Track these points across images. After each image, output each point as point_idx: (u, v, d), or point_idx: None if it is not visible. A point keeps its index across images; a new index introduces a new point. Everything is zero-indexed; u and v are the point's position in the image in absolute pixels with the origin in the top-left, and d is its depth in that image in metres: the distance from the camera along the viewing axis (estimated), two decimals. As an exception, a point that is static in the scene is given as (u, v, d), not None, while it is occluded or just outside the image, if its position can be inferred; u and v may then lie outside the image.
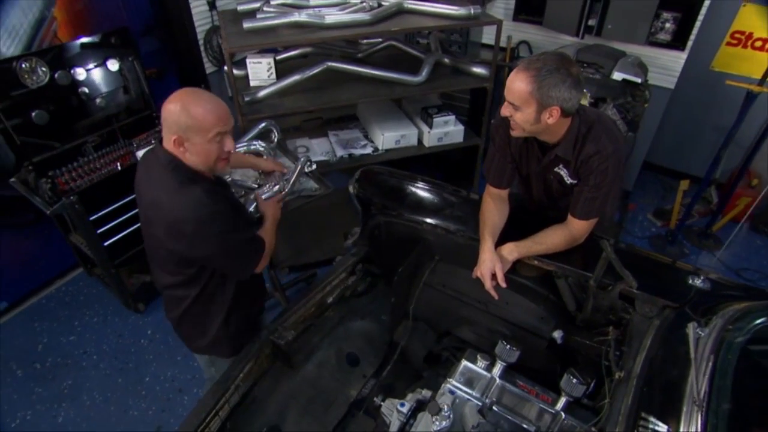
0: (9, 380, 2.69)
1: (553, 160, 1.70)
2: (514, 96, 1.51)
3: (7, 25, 2.58)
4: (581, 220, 1.70)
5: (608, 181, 1.62)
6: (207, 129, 1.42)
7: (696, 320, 1.44)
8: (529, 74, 1.46)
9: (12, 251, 2.96)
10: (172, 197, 1.46)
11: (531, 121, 1.53)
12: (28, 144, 2.52)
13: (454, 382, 1.60)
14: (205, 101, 1.43)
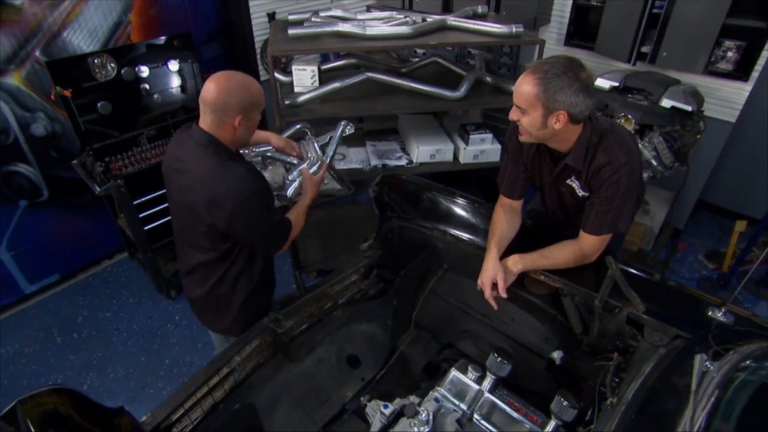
0: (49, 345, 2.91)
1: (564, 170, 1.65)
2: (521, 99, 1.49)
3: (89, 27, 2.89)
4: (592, 236, 1.62)
5: (620, 193, 1.54)
6: (261, 104, 1.59)
7: (706, 352, 1.32)
8: (535, 77, 1.44)
9: (68, 229, 3.24)
10: (215, 173, 1.56)
11: (537, 126, 1.50)
12: (92, 131, 2.78)
13: (442, 391, 1.56)
14: (251, 80, 1.58)
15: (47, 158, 2.97)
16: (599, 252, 1.65)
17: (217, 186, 1.54)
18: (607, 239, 1.64)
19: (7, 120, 2.75)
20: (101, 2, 2.87)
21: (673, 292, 1.66)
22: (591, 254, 1.65)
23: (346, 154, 3.28)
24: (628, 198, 1.57)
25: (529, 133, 1.55)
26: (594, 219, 1.60)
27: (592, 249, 1.64)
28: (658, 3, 3.06)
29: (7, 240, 2.96)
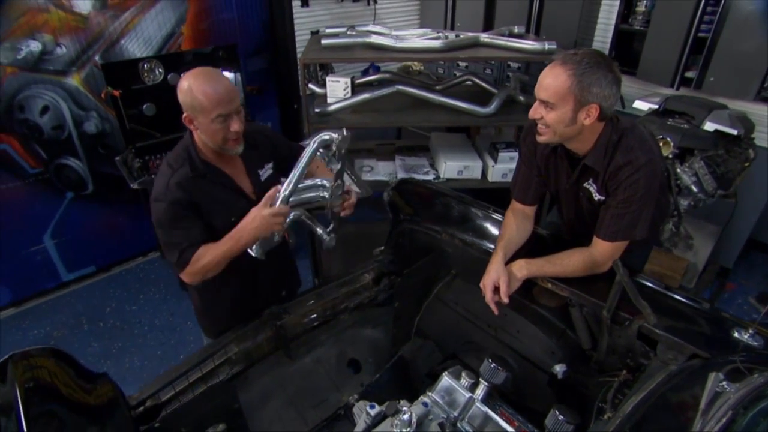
0: (76, 331, 3.04)
1: (583, 172, 1.56)
2: (550, 92, 1.39)
3: (145, 36, 3.14)
4: (605, 242, 1.51)
5: (639, 196, 1.43)
6: (209, 110, 1.44)
7: (722, 371, 1.18)
8: (567, 68, 1.35)
9: (108, 224, 3.43)
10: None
11: (566, 122, 1.40)
12: (136, 131, 2.96)
13: (432, 396, 1.47)
14: (210, 83, 1.44)
15: (95, 154, 3.19)
16: (612, 261, 1.53)
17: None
18: (621, 248, 1.52)
19: (64, 117, 2.99)
20: (157, 15, 3.12)
21: (693, 309, 1.51)
22: (603, 263, 1.53)
23: (374, 167, 3.31)
24: (646, 203, 1.46)
25: (553, 132, 1.44)
26: (608, 223, 1.50)
27: (604, 257, 1.52)
28: (704, 27, 2.95)
29: (52, 228, 3.17)
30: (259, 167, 1.75)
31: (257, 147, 1.74)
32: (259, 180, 1.74)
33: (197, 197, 1.57)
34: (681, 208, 2.74)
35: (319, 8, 3.72)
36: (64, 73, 2.90)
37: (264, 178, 1.75)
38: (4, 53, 2.69)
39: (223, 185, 1.64)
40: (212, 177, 1.61)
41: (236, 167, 1.69)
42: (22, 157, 2.92)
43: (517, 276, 1.57)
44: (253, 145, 1.70)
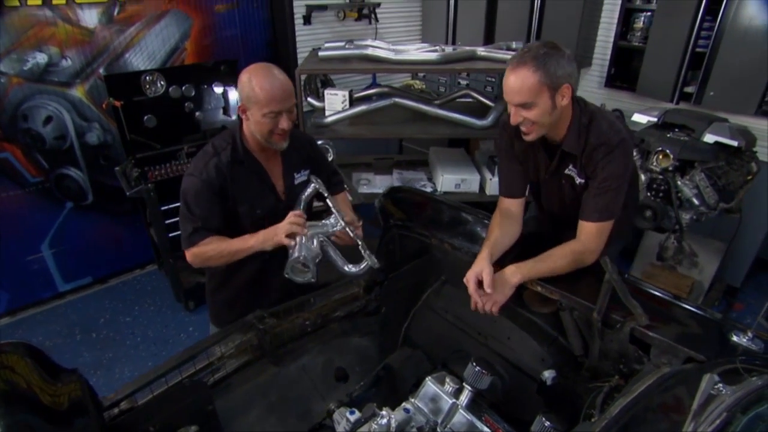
0: (68, 341, 3.01)
1: (562, 159, 1.58)
2: (524, 94, 1.42)
3: (149, 51, 3.21)
4: (590, 223, 1.52)
5: (616, 174, 1.48)
6: (262, 104, 1.50)
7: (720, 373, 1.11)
8: (528, 65, 1.40)
9: (107, 235, 3.43)
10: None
11: (549, 111, 1.44)
12: (136, 141, 3.00)
13: (414, 402, 1.42)
14: (268, 79, 1.50)
15: (96, 165, 3.22)
16: (599, 248, 1.52)
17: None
18: (606, 232, 1.53)
19: (67, 127, 3.04)
20: (162, 30, 3.19)
21: (688, 312, 1.44)
22: (590, 249, 1.52)
23: (371, 180, 3.31)
24: (623, 180, 1.51)
25: (540, 126, 1.48)
26: (592, 204, 1.51)
27: (592, 241, 1.51)
28: (702, 42, 2.95)
29: (50, 237, 3.18)
30: (296, 170, 1.79)
31: (299, 151, 1.79)
32: (293, 182, 1.79)
33: (229, 182, 1.62)
34: (683, 222, 2.68)
35: (321, 26, 3.79)
36: (68, 84, 2.96)
37: (298, 181, 1.80)
38: (11, 64, 2.76)
39: (258, 177, 1.69)
40: (249, 166, 1.66)
41: (275, 164, 1.74)
42: (24, 165, 2.96)
43: (511, 282, 1.52)
44: (296, 147, 1.75)
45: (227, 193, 1.65)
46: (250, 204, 1.70)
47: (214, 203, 1.63)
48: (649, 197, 2.74)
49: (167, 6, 3.15)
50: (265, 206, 1.72)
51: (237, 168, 1.64)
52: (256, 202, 1.71)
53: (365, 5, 3.89)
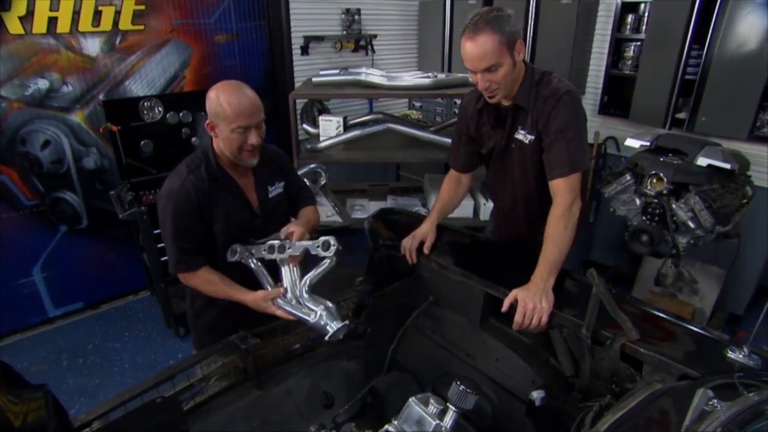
0: (54, 367, 2.95)
1: (515, 119, 1.68)
2: (489, 57, 1.50)
3: (149, 78, 3.29)
4: (560, 179, 1.57)
5: (570, 121, 1.56)
6: (230, 119, 1.50)
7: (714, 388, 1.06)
8: (486, 30, 1.48)
9: (100, 260, 3.41)
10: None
11: (511, 69, 1.54)
12: (132, 166, 3.02)
13: (397, 424, 1.35)
14: (236, 95, 1.51)
15: (92, 190, 3.24)
16: (577, 197, 1.59)
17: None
18: (578, 184, 1.59)
19: (64, 151, 3.08)
20: (162, 59, 3.28)
21: (681, 329, 1.39)
22: (569, 202, 1.56)
23: (365, 206, 3.30)
24: (580, 129, 1.59)
25: (505, 85, 1.57)
26: (556, 159, 1.58)
27: (567, 196, 1.57)
28: (691, 70, 3.00)
29: (42, 261, 3.16)
30: (270, 183, 1.80)
31: (270, 164, 1.80)
32: (267, 196, 1.78)
33: (206, 201, 1.62)
34: (680, 246, 2.64)
35: (318, 57, 3.89)
36: (67, 109, 3.02)
37: (272, 194, 1.80)
38: (12, 89, 2.82)
39: (232, 193, 1.69)
40: (223, 183, 1.66)
41: (248, 180, 1.73)
42: (20, 189, 2.98)
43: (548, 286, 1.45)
44: (267, 161, 1.76)
45: (204, 212, 1.64)
46: (225, 221, 1.69)
47: (194, 223, 1.63)
48: (644, 221, 2.71)
49: (168, 36, 3.24)
50: (240, 222, 1.71)
51: (212, 185, 1.64)
52: (231, 219, 1.70)
53: (362, 36, 4.00)
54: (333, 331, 1.53)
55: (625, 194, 2.85)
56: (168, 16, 3.19)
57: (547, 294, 1.43)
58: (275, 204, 1.81)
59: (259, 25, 3.63)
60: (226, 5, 3.42)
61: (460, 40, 1.56)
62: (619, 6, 3.31)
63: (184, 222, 1.61)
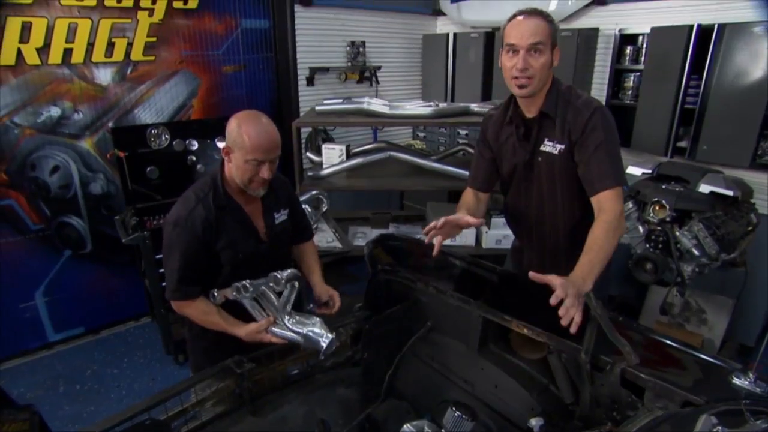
0: (50, 393, 2.91)
1: (540, 131, 1.66)
2: (540, 35, 1.51)
3: (157, 107, 3.37)
4: (608, 191, 1.53)
5: (610, 136, 1.54)
6: (246, 150, 1.53)
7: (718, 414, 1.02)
8: (540, 17, 1.52)
9: (103, 285, 3.42)
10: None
11: (548, 65, 1.55)
12: (137, 192, 3.07)
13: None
14: (256, 128, 1.54)
15: (98, 215, 3.28)
16: (623, 211, 1.56)
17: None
18: (622, 196, 1.57)
19: (72, 177, 3.14)
20: (171, 88, 3.37)
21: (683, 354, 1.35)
22: (618, 212, 1.53)
23: (367, 233, 3.30)
24: (617, 143, 1.58)
25: (538, 79, 1.55)
26: (599, 172, 1.54)
27: (616, 206, 1.52)
28: (690, 99, 3.03)
29: (45, 285, 3.17)
30: (276, 210, 1.81)
31: (277, 192, 1.81)
32: (273, 222, 1.79)
33: (212, 232, 1.63)
34: (685, 274, 2.60)
35: (323, 87, 3.98)
36: (77, 136, 3.10)
37: (278, 221, 1.81)
38: (26, 117, 2.91)
39: (239, 221, 1.70)
40: (231, 210, 1.67)
41: (255, 206, 1.75)
42: (27, 213, 3.02)
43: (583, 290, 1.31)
44: (274, 188, 1.77)
45: (210, 242, 1.65)
46: (233, 249, 1.70)
47: (199, 257, 1.64)
48: (648, 249, 2.69)
49: (178, 66, 3.34)
50: (247, 249, 1.72)
51: (220, 214, 1.65)
52: (238, 247, 1.71)
53: (366, 68, 4.10)
54: (326, 344, 1.55)
55: (627, 222, 2.83)
56: (178, 48, 3.31)
57: (582, 291, 1.31)
58: (281, 231, 1.83)
59: (266, 57, 3.74)
60: (235, 37, 3.54)
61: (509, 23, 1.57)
62: (617, 38, 3.38)
63: (187, 252, 1.62)
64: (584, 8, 3.55)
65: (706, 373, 1.28)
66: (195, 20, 3.33)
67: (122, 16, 3.03)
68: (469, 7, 4.20)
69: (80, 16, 2.90)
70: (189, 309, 1.69)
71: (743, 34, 2.72)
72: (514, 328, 1.50)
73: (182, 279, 1.63)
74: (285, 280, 1.57)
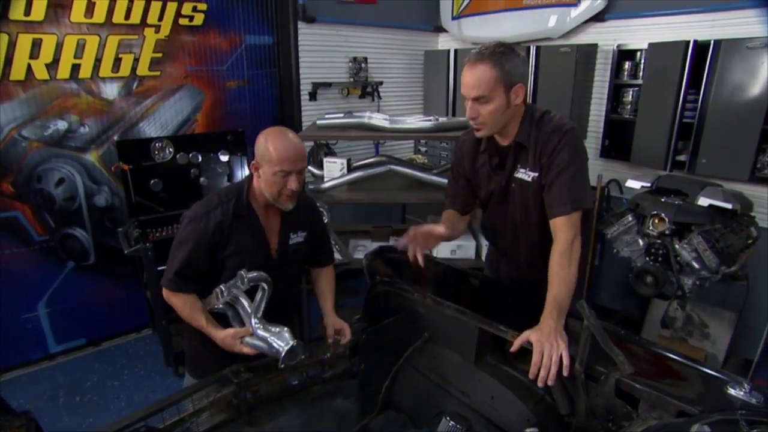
0: (50, 404, 2.92)
1: (515, 157, 1.66)
2: (481, 87, 1.50)
3: (162, 121, 3.43)
4: (561, 217, 1.54)
5: (573, 159, 1.55)
6: (274, 163, 1.58)
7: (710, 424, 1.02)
8: (486, 62, 1.49)
9: (105, 297, 3.44)
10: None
11: (502, 109, 1.53)
12: (141, 204, 3.11)
13: (387, 461, 1.31)
14: (283, 141, 1.60)
15: (101, 227, 3.32)
16: (578, 233, 1.54)
17: None
18: (578, 221, 1.56)
19: (77, 189, 3.18)
20: (176, 103, 3.44)
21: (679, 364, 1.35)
22: (570, 239, 1.53)
23: (367, 246, 3.32)
24: (582, 167, 1.58)
25: (492, 124, 1.57)
26: (558, 196, 1.55)
27: (568, 233, 1.53)
28: (688, 114, 3.05)
29: (48, 296, 3.19)
30: (293, 231, 1.83)
31: (300, 212, 1.83)
32: (288, 242, 1.81)
33: (222, 238, 1.67)
34: (685, 287, 2.59)
35: (325, 102, 4.04)
36: (83, 149, 3.15)
37: (293, 242, 1.83)
38: (34, 130, 2.97)
39: (254, 232, 1.73)
40: (248, 220, 1.71)
41: (274, 222, 1.78)
42: (32, 224, 3.06)
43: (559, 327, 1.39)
44: (298, 207, 1.79)
45: (218, 247, 1.69)
46: (240, 258, 1.71)
47: (203, 257, 1.69)
48: (648, 262, 2.68)
49: (183, 81, 3.41)
50: (254, 262, 1.71)
51: (236, 222, 1.69)
52: (246, 257, 1.72)
53: (368, 83, 4.16)
54: (286, 351, 1.53)
55: (627, 235, 2.83)
56: (183, 63, 3.38)
57: (560, 333, 1.37)
58: (293, 252, 1.84)
59: (269, 72, 3.81)
60: (239, 53, 3.61)
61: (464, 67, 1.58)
62: (616, 53, 3.43)
63: (193, 249, 1.67)
64: (583, 24, 3.60)
65: (702, 384, 1.28)
66: (200, 36, 3.41)
67: (129, 32, 3.11)
68: (470, 23, 4.28)
69: (89, 33, 2.98)
70: (176, 300, 1.73)
71: (738, 49, 2.76)
72: (510, 339, 1.51)
73: (180, 272, 1.68)
74: (248, 280, 1.57)
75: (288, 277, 1.84)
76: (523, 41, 3.88)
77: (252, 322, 1.62)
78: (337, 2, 3.95)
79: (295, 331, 1.75)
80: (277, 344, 1.55)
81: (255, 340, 1.62)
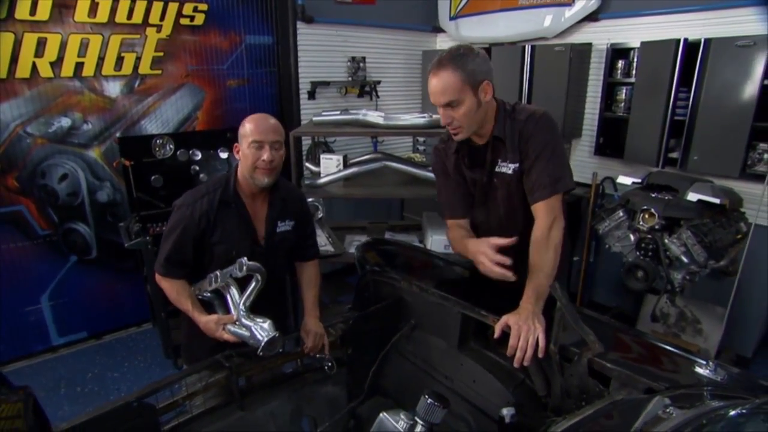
0: (52, 394, 2.99)
1: (494, 153, 1.66)
2: (449, 92, 1.52)
3: (163, 119, 3.51)
4: (540, 202, 1.56)
5: (549, 141, 1.56)
6: (248, 135, 1.67)
7: (672, 396, 1.07)
8: (448, 67, 1.50)
9: (107, 291, 3.51)
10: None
11: (474, 109, 1.54)
12: (142, 200, 3.17)
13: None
14: (257, 117, 1.72)
15: (103, 222, 3.39)
16: (557, 218, 1.56)
17: None
18: (558, 204, 1.57)
19: (80, 185, 3.26)
20: (177, 101, 3.51)
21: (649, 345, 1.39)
22: (547, 225, 1.54)
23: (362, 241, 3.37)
24: (558, 147, 1.60)
25: (468, 125, 1.57)
26: (538, 181, 1.56)
27: (547, 219, 1.54)
28: (680, 111, 3.08)
29: (51, 290, 3.27)
30: (281, 219, 1.88)
31: (288, 202, 1.89)
32: (275, 230, 1.87)
33: (208, 226, 1.74)
34: (675, 281, 2.63)
35: (324, 101, 4.10)
36: (86, 146, 3.23)
37: (280, 230, 1.89)
38: (38, 127, 3.05)
39: (241, 219, 1.79)
40: (235, 208, 1.77)
41: (261, 210, 1.84)
42: (35, 219, 3.14)
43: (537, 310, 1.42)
44: (284, 197, 1.86)
45: (204, 235, 1.76)
46: (227, 245, 1.78)
47: (189, 243, 1.77)
48: (638, 257, 2.72)
49: (184, 80, 3.48)
50: (241, 249, 1.78)
51: (223, 210, 1.75)
52: (233, 245, 1.78)
53: (366, 82, 4.22)
54: (265, 339, 1.57)
55: (619, 230, 2.88)
56: (184, 63, 3.45)
57: (537, 316, 1.40)
58: (280, 239, 1.89)
59: (269, 71, 3.88)
60: (239, 53, 3.68)
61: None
62: (609, 52, 3.47)
63: (181, 240, 1.76)
64: (577, 24, 3.65)
65: (668, 362, 1.32)
66: (201, 36, 3.48)
67: (132, 32, 3.18)
68: (467, 23, 4.33)
69: (92, 32, 3.06)
70: (166, 284, 1.82)
71: (728, 48, 2.79)
72: (491, 323, 1.55)
73: (169, 258, 1.78)
74: (247, 267, 1.61)
75: (275, 265, 1.87)
76: (518, 41, 3.93)
77: (240, 310, 1.66)
78: (336, 2, 4.01)
79: (280, 321, 1.82)
80: (259, 334, 1.59)
81: (237, 328, 1.66)
